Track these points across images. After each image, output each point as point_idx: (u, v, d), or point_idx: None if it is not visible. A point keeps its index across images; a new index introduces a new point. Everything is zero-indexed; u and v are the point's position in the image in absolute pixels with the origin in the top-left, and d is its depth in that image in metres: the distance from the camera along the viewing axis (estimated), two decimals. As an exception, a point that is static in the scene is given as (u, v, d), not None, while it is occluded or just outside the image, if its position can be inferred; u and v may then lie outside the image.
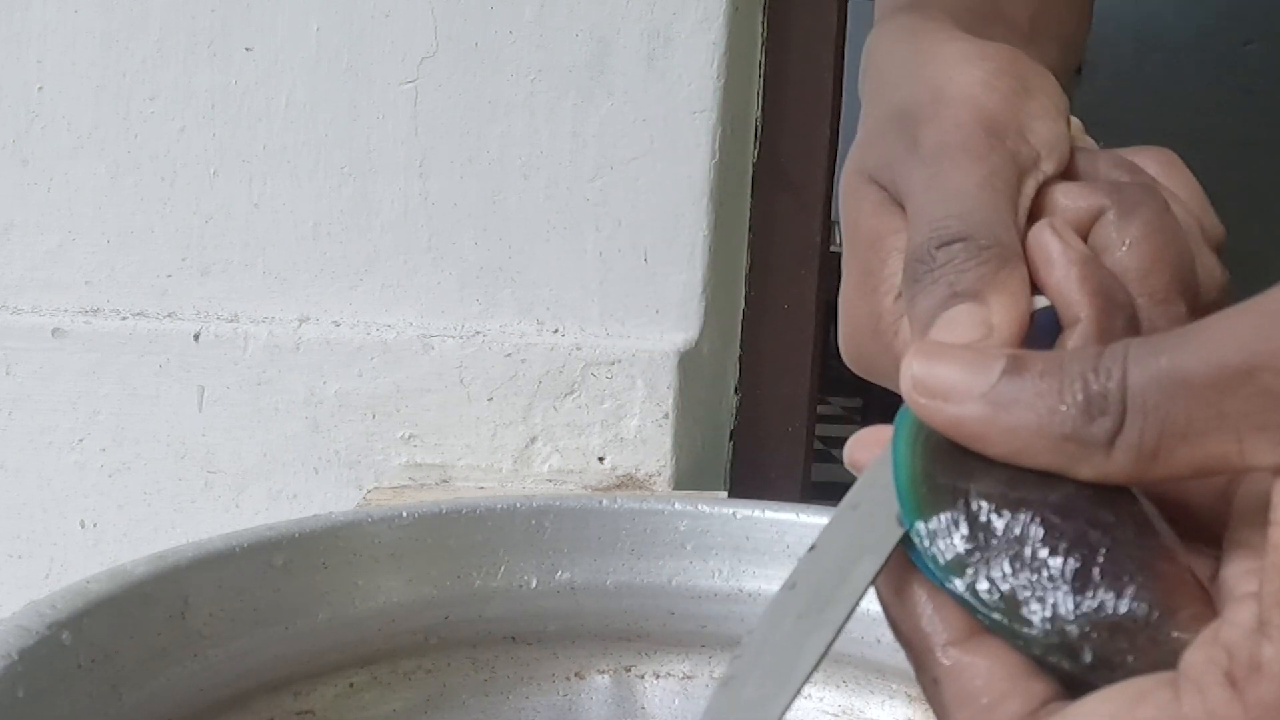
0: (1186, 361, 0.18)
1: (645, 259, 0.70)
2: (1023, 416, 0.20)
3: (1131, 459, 0.19)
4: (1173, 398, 0.18)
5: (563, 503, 0.46)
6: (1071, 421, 0.19)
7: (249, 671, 0.39)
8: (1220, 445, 0.18)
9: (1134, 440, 0.19)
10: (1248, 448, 0.18)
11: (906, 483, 0.20)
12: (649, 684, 0.46)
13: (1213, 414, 0.18)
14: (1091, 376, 0.19)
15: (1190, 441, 0.18)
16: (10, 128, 0.69)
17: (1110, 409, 0.19)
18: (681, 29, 0.68)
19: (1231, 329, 0.18)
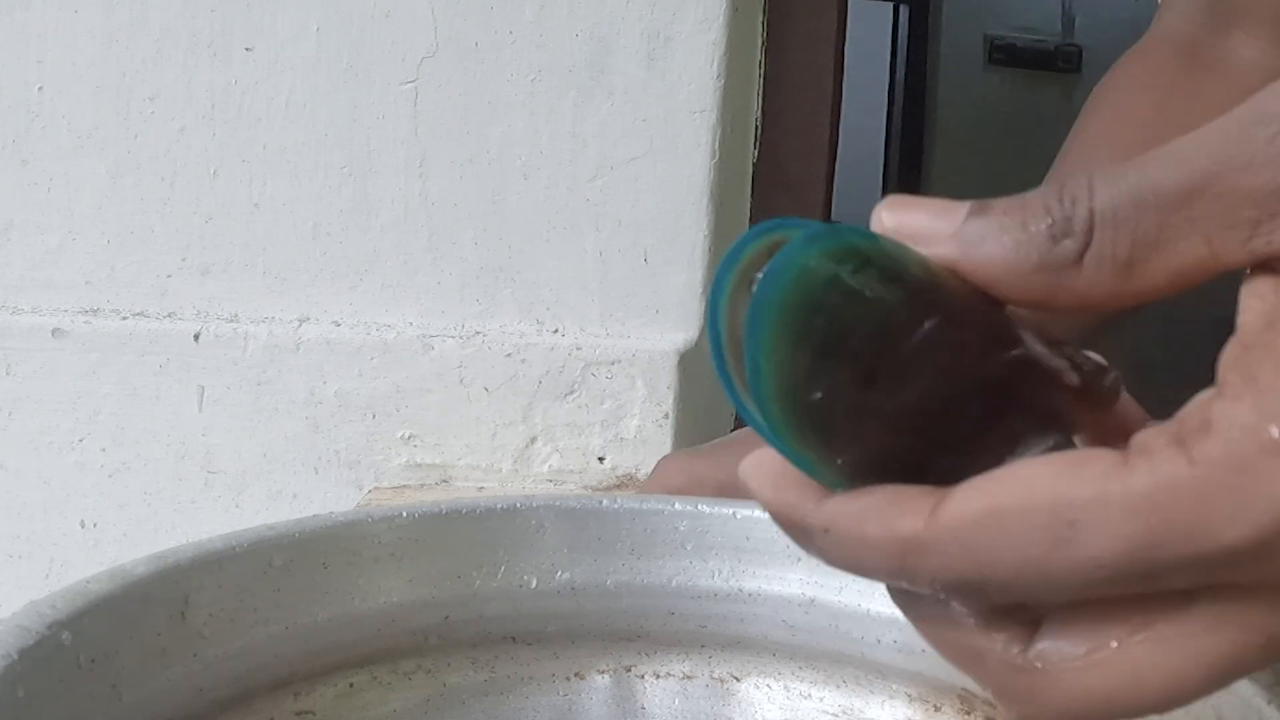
0: (1155, 175, 0.19)
1: (645, 259, 0.70)
2: (991, 251, 0.20)
3: (1106, 272, 0.20)
4: (1142, 209, 0.19)
5: (563, 503, 0.46)
6: (1038, 248, 0.20)
7: (249, 671, 0.39)
8: (1193, 249, 0.19)
9: (1106, 253, 0.19)
10: (1219, 248, 0.19)
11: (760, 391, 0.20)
12: (649, 684, 0.46)
13: (1183, 219, 0.19)
14: (1055, 204, 0.20)
15: (1163, 248, 0.19)
16: (10, 128, 0.69)
17: (1075, 229, 0.20)
18: (681, 29, 0.68)
19: (1199, 141, 0.19)
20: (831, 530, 0.20)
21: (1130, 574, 0.19)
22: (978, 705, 0.42)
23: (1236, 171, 0.19)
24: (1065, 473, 0.19)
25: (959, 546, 0.19)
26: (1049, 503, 0.19)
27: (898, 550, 0.20)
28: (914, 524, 0.20)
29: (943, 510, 0.20)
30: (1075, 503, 0.19)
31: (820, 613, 0.45)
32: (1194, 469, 0.18)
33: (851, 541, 0.20)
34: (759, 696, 0.46)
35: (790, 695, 0.46)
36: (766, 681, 0.46)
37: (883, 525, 0.20)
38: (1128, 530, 0.18)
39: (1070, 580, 0.19)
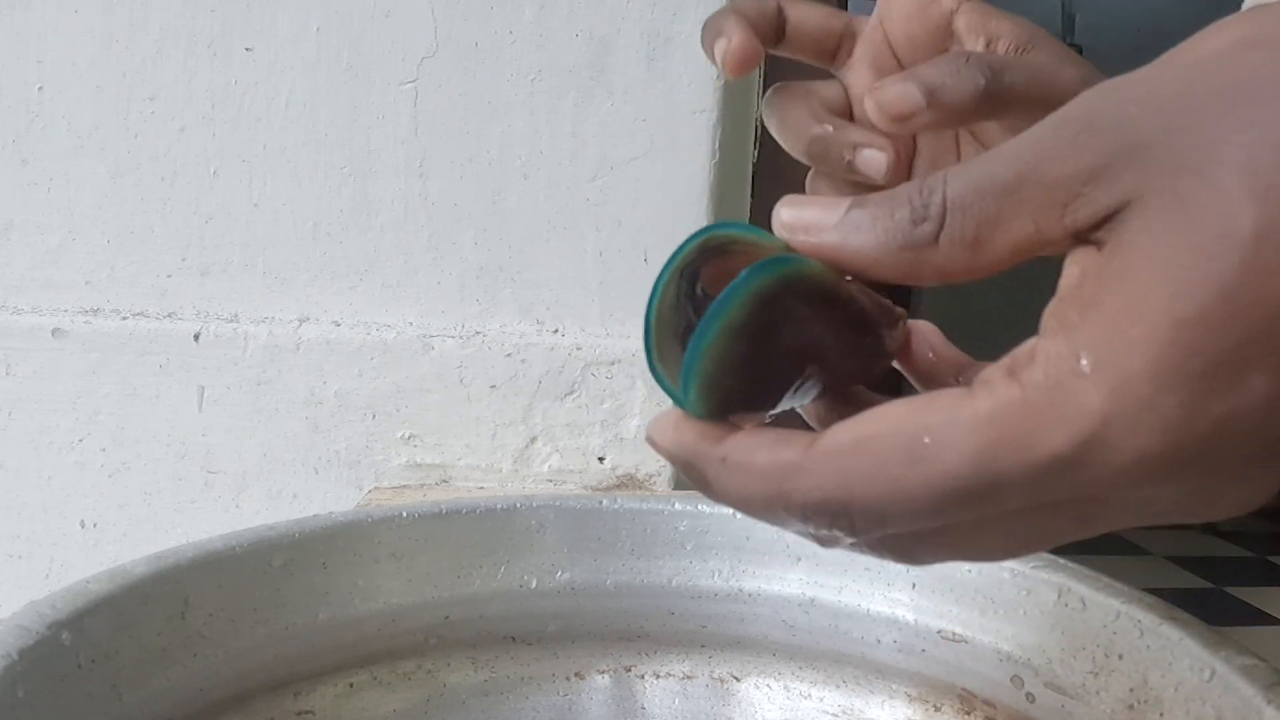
0: (993, 168, 0.23)
1: (645, 259, 0.70)
2: (866, 237, 0.24)
3: (959, 249, 0.23)
4: (984, 196, 0.23)
5: (563, 503, 0.46)
6: (902, 231, 0.24)
7: (249, 671, 0.39)
8: (1023, 227, 0.23)
9: (957, 234, 0.23)
10: (1041, 225, 0.23)
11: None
12: (649, 684, 0.46)
13: (1014, 203, 0.23)
14: (916, 195, 0.24)
15: (1001, 227, 0.23)
16: (10, 128, 0.69)
17: (932, 214, 0.24)
18: (681, 29, 0.68)
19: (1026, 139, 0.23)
20: (728, 459, 0.25)
21: (976, 486, 0.22)
22: (977, 705, 0.42)
23: (1048, 163, 0.23)
24: (921, 404, 0.23)
25: (829, 469, 0.23)
26: (908, 427, 0.22)
27: (777, 473, 0.24)
28: (794, 452, 0.24)
29: (819, 441, 0.23)
30: (930, 425, 0.22)
31: (820, 613, 0.45)
32: (1023, 391, 0.22)
33: (741, 467, 0.24)
34: (759, 696, 0.46)
35: (790, 695, 0.46)
36: (766, 681, 0.46)
37: (769, 454, 0.24)
38: (973, 444, 0.22)
39: (924, 494, 0.22)
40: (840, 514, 0.23)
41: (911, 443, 0.22)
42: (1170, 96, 0.22)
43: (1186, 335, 0.21)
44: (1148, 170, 0.22)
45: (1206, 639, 0.35)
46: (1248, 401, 0.21)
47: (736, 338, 0.24)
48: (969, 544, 0.24)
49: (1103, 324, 0.21)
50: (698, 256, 0.26)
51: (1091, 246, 0.23)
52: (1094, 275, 0.22)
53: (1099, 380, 0.21)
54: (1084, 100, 0.23)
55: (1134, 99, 0.22)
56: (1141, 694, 0.37)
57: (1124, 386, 0.21)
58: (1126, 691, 0.37)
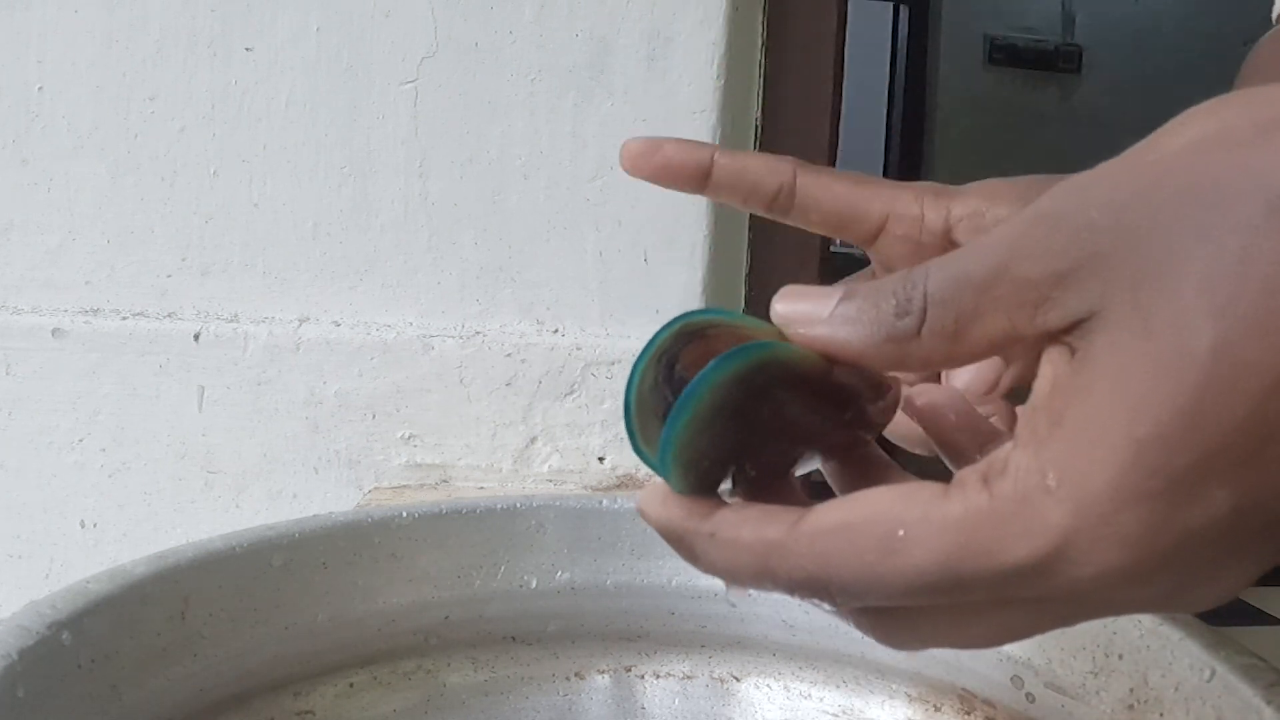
0: (969, 265, 0.24)
1: (645, 259, 0.70)
2: (853, 330, 0.25)
3: (939, 340, 0.24)
4: (962, 291, 0.24)
5: (563, 503, 0.46)
6: (887, 325, 0.25)
7: (249, 671, 0.39)
8: (998, 322, 0.24)
9: (937, 327, 0.24)
10: (1016, 322, 0.23)
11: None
12: (649, 684, 0.46)
13: (989, 299, 0.24)
14: (900, 289, 0.25)
15: (978, 321, 0.24)
16: (10, 128, 0.69)
17: (914, 308, 0.24)
18: (681, 29, 0.68)
19: (999, 235, 0.24)
20: (715, 535, 0.26)
21: (941, 582, 0.23)
22: (978, 705, 0.42)
23: (1019, 262, 0.23)
24: (902, 497, 0.24)
25: (811, 550, 0.24)
26: (885, 518, 0.24)
27: (763, 550, 0.25)
28: (778, 530, 0.25)
29: (803, 522, 0.25)
30: (905, 520, 0.23)
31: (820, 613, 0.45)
32: (992, 501, 0.23)
33: (728, 543, 0.25)
34: (759, 696, 0.46)
35: (790, 695, 0.46)
36: (766, 681, 0.46)
37: (754, 530, 0.25)
38: (942, 545, 0.23)
39: (896, 583, 0.23)
40: (821, 590, 0.25)
41: (887, 534, 0.23)
42: (1130, 201, 0.22)
43: (1146, 454, 0.21)
44: (1110, 280, 0.22)
45: (1206, 639, 0.35)
46: (1210, 513, 0.21)
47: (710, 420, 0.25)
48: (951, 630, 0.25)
49: (1067, 441, 0.22)
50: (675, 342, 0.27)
51: (1064, 348, 0.23)
52: (1062, 388, 0.23)
53: (1062, 497, 0.22)
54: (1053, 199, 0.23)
55: (1096, 202, 0.23)
56: (1141, 694, 0.37)
57: (1086, 504, 0.22)
58: (1126, 691, 0.37)
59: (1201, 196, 0.21)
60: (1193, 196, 0.21)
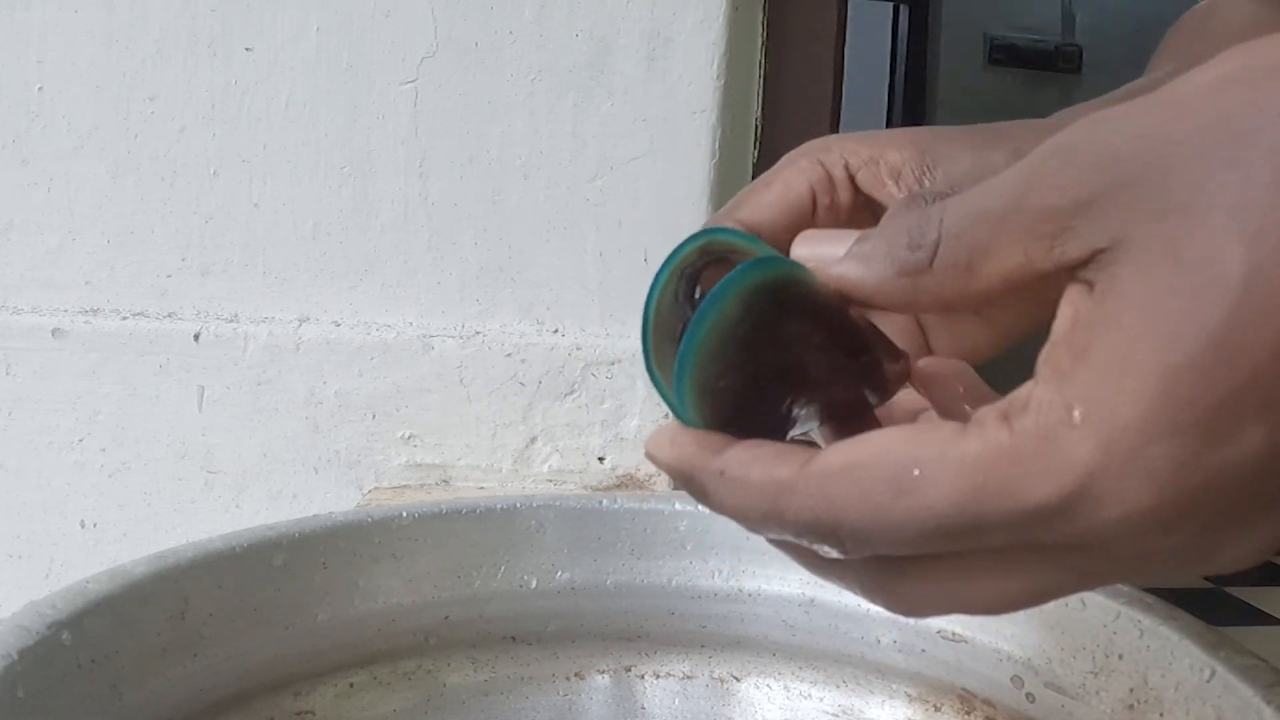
0: (986, 198, 0.24)
1: (645, 259, 0.70)
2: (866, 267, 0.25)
3: (952, 275, 0.24)
4: (977, 224, 0.23)
5: (563, 503, 0.46)
6: (900, 258, 0.25)
7: (249, 671, 0.39)
8: (1014, 256, 0.23)
9: (950, 259, 0.24)
10: (1031, 255, 0.23)
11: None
12: (649, 684, 0.46)
13: (1005, 232, 0.23)
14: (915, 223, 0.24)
15: (993, 255, 0.23)
16: (10, 128, 0.69)
17: (927, 241, 0.24)
18: (681, 29, 0.68)
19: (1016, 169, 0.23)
20: (725, 472, 0.25)
21: (957, 525, 0.22)
22: (978, 705, 0.42)
23: (1036, 193, 0.23)
24: (914, 437, 0.23)
25: (820, 491, 0.23)
26: (897, 459, 0.23)
27: (772, 491, 0.24)
28: (788, 470, 0.24)
29: (812, 462, 0.24)
30: (919, 460, 0.22)
31: (820, 613, 0.45)
32: (1012, 438, 0.22)
33: (738, 482, 0.25)
34: (759, 696, 0.46)
35: (790, 695, 0.46)
36: (766, 681, 0.46)
37: (764, 470, 0.24)
38: (959, 484, 0.22)
39: (908, 526, 0.22)
40: (829, 534, 0.24)
41: (898, 474, 0.22)
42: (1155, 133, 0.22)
43: (1177, 386, 0.20)
44: (1135, 210, 0.21)
45: (1206, 639, 0.35)
46: (1243, 453, 0.20)
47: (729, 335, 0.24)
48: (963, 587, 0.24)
49: (1093, 373, 0.21)
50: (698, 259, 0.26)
51: (1083, 285, 0.22)
52: (1085, 321, 0.22)
53: (1088, 432, 0.21)
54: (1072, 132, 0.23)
55: (1119, 132, 0.22)
56: (1141, 694, 0.37)
57: (1113, 438, 0.21)
58: (1126, 691, 0.37)
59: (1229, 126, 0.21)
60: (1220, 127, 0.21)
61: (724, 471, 0.25)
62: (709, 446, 0.25)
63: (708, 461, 0.25)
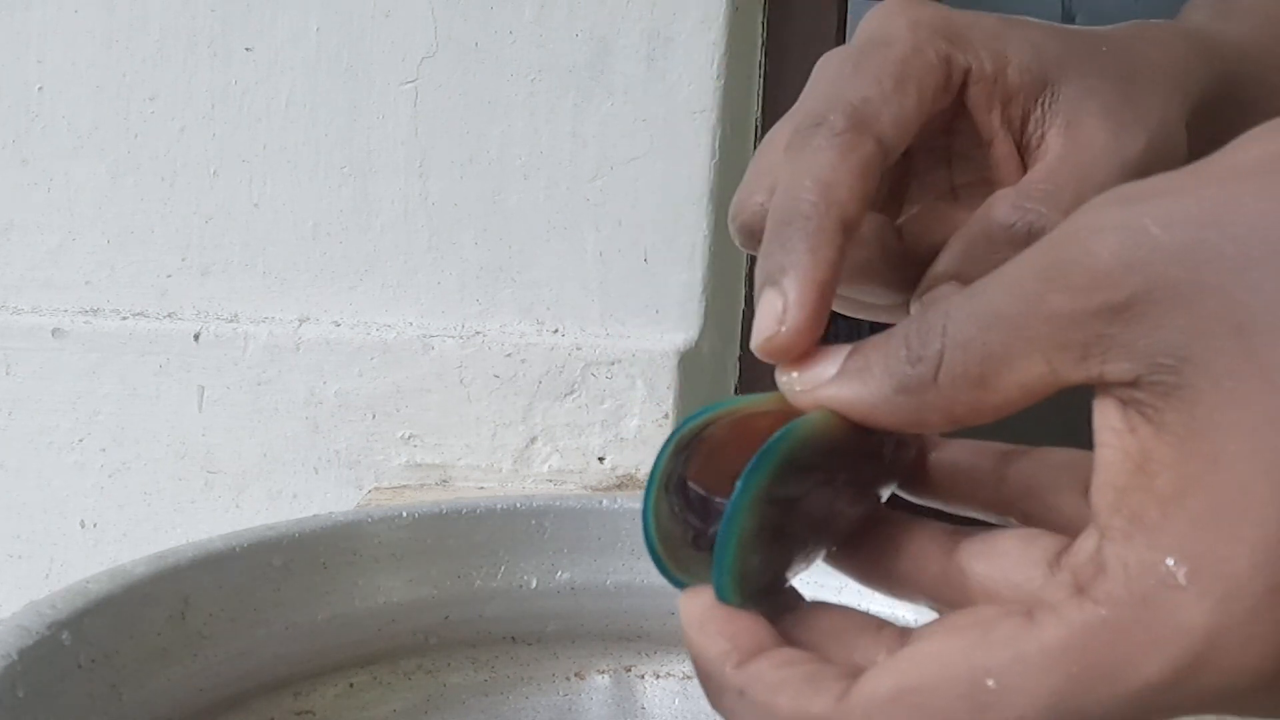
0: (996, 298, 0.20)
1: (645, 259, 0.70)
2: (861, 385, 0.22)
3: (961, 389, 0.21)
4: (989, 330, 0.20)
5: (563, 503, 0.46)
6: (899, 374, 0.21)
7: (249, 671, 0.39)
8: (1035, 366, 0.20)
9: (958, 372, 0.21)
10: (1057, 366, 0.20)
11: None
12: (649, 684, 0.46)
13: (1023, 339, 0.20)
14: (913, 334, 0.21)
15: (1010, 365, 0.20)
16: (10, 128, 0.69)
17: (929, 353, 0.21)
18: (681, 29, 0.68)
19: (1028, 261, 0.20)
20: (746, 694, 0.21)
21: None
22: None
23: (1058, 294, 0.19)
24: (976, 642, 0.19)
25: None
26: (965, 672, 0.19)
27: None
28: (824, 704, 0.20)
29: (855, 691, 0.20)
30: (990, 668, 0.19)
31: (820, 613, 0.45)
32: (1101, 610, 0.19)
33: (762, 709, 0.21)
34: (759, 696, 0.46)
35: (790, 695, 0.45)
36: (766, 681, 0.46)
37: (794, 700, 0.20)
38: (1050, 683, 0.19)
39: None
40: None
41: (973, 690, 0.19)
42: (1200, 219, 0.18)
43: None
44: (1200, 321, 0.18)
45: (1206, 639, 0.35)
46: None
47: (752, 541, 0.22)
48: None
49: (1197, 522, 0.18)
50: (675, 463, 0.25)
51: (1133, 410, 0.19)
52: (1171, 462, 0.19)
53: (1200, 590, 0.18)
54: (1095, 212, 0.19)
55: (1156, 218, 0.19)
56: (1141, 694, 0.37)
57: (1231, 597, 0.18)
58: (1126, 691, 0.37)
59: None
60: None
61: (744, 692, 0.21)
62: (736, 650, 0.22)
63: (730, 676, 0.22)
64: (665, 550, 0.24)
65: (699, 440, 0.25)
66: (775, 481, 0.22)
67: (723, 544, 0.22)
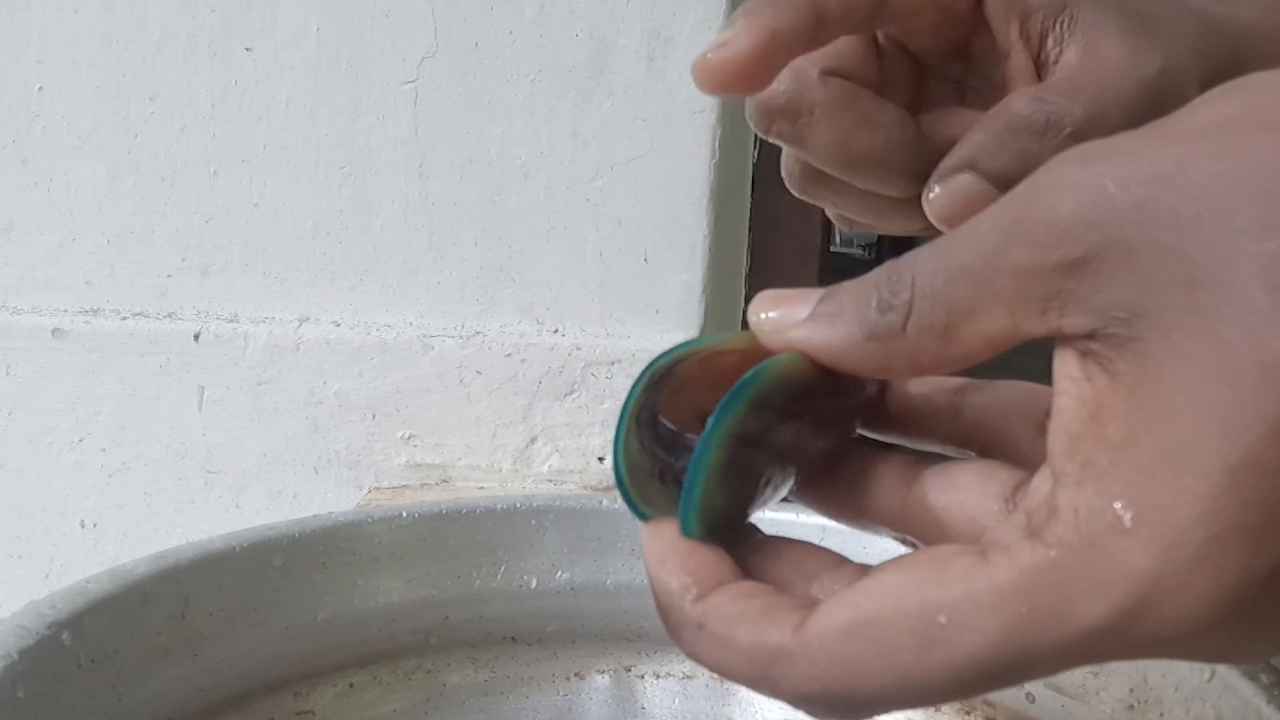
0: (962, 252, 0.21)
1: (645, 259, 0.70)
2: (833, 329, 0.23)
3: (928, 338, 0.21)
4: (954, 283, 0.21)
5: (563, 503, 0.46)
6: (869, 321, 0.22)
7: (249, 671, 0.39)
8: (998, 319, 0.21)
9: (925, 322, 0.21)
10: (1019, 318, 0.20)
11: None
12: (649, 684, 0.46)
13: (987, 293, 0.21)
14: (884, 282, 0.22)
15: (974, 317, 0.21)
16: (10, 128, 0.69)
17: (899, 302, 0.22)
18: (681, 29, 0.68)
19: (994, 214, 0.21)
20: (705, 627, 0.22)
21: (1001, 668, 0.19)
22: (977, 705, 0.42)
23: (1019, 249, 0.20)
24: (930, 578, 0.20)
25: (827, 657, 0.20)
26: (917, 607, 0.20)
27: (764, 658, 0.21)
28: (780, 634, 0.21)
29: (810, 622, 0.21)
30: (942, 604, 0.20)
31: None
32: (1051, 552, 0.19)
33: (720, 641, 0.22)
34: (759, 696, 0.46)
35: (790, 695, 0.46)
36: (766, 681, 0.46)
37: (752, 631, 0.21)
38: (999, 622, 0.19)
39: (943, 683, 0.20)
40: (840, 704, 0.21)
41: (924, 625, 0.20)
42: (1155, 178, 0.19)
43: (1242, 482, 0.18)
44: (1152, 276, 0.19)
45: (1206, 639, 0.35)
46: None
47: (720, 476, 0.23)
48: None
49: (1142, 471, 0.19)
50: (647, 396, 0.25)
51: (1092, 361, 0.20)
52: (1122, 411, 0.19)
53: (1144, 536, 0.18)
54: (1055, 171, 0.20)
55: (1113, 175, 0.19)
56: (1141, 694, 0.37)
57: (1174, 543, 0.18)
58: (1126, 691, 0.37)
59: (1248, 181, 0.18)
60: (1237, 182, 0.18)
61: (703, 625, 0.22)
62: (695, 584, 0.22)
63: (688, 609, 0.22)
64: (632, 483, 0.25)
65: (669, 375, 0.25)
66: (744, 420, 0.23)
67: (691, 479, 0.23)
